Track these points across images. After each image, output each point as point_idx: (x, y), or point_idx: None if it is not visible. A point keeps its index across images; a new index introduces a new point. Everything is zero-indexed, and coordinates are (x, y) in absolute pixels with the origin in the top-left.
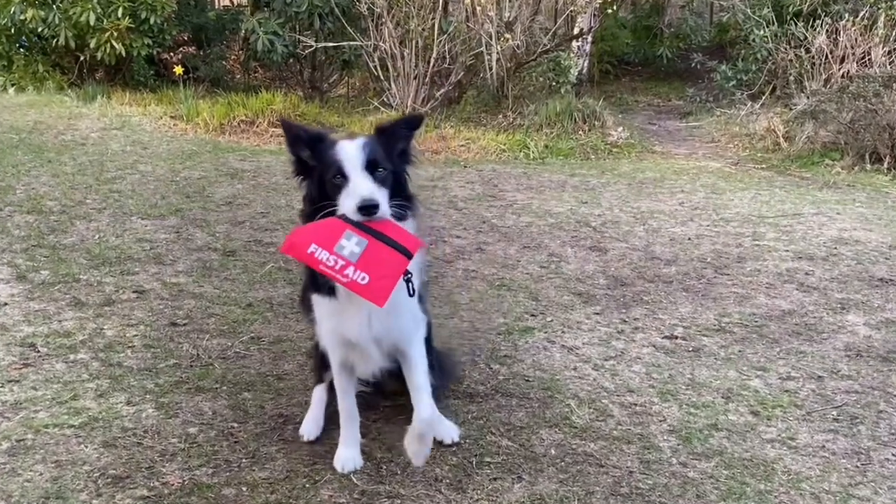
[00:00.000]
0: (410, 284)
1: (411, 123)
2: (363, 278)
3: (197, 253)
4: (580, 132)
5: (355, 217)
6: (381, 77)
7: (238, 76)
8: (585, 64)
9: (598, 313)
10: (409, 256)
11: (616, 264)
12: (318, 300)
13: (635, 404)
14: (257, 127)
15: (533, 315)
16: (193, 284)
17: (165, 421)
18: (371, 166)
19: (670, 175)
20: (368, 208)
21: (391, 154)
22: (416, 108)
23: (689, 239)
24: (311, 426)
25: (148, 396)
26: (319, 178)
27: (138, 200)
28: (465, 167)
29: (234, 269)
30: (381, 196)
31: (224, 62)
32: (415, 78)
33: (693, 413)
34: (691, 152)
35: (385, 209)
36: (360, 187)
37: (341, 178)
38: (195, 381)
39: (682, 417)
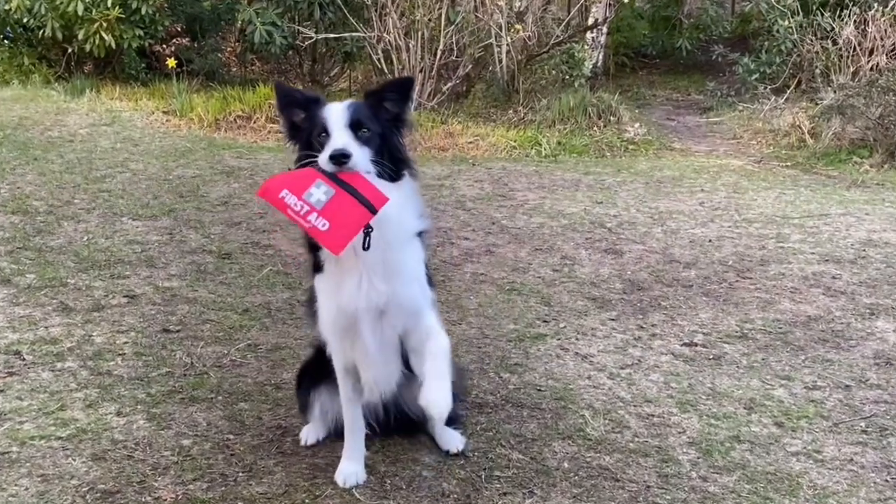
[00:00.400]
0: (368, 238)
1: (400, 87)
2: (324, 224)
3: (191, 255)
4: (595, 128)
5: (327, 167)
6: (385, 70)
7: (234, 69)
8: (600, 56)
9: (613, 319)
10: (373, 211)
11: (633, 267)
12: (317, 282)
13: (653, 415)
14: (254, 122)
15: (545, 321)
16: (187, 289)
17: (157, 433)
18: (354, 126)
19: (690, 173)
20: (339, 157)
21: (380, 117)
22: (423, 102)
23: (710, 241)
24: (310, 430)
25: (139, 407)
26: (307, 138)
27: (129, 200)
28: (474, 165)
29: (229, 273)
30: (357, 150)
31: (219, 54)
32: (420, 71)
33: (714, 424)
34: (712, 149)
35: (359, 163)
36: (336, 140)
37: (325, 135)
38: (189, 391)
39: (703, 429)
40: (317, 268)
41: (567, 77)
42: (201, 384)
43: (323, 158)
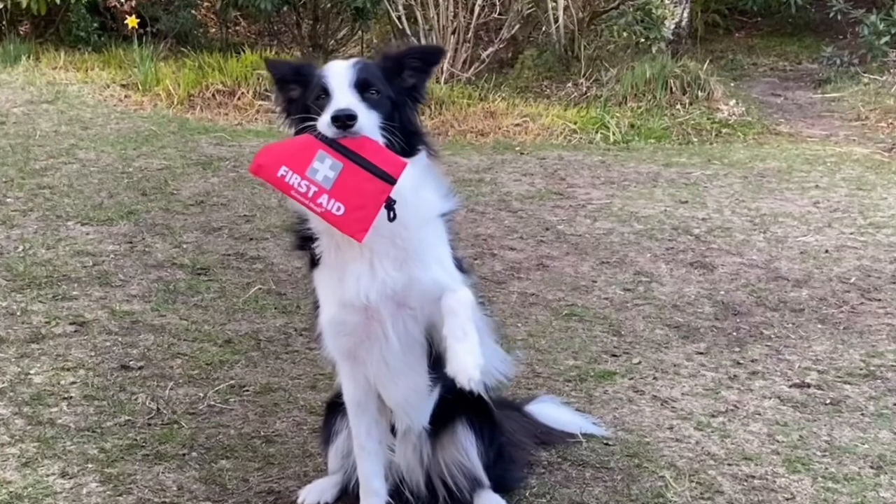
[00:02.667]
0: (392, 212)
1: (425, 56)
2: (338, 209)
3: (157, 271)
4: (678, 106)
5: (329, 131)
6: (408, 31)
7: (213, 30)
8: (685, 14)
9: (702, 353)
10: (391, 182)
11: (727, 286)
12: (316, 279)
13: (753, 476)
14: (239, 99)
15: (614, 355)
16: (152, 314)
17: (114, 499)
18: (361, 86)
19: (800, 165)
20: (343, 119)
21: (394, 83)
22: (456, 72)
23: (827, 252)
24: (314, 488)
25: (90, 466)
26: (303, 104)
27: (77, 199)
28: (522, 154)
29: (207, 293)
30: (365, 113)
31: (193, 12)
32: (453, 33)
33: (832, 488)
34: (829, 133)
35: (366, 127)
36: (340, 100)
37: (325, 96)
38: (154, 445)
39: (818, 494)
40: (314, 263)
41: (642, 41)
42: (170, 437)
43: (323, 121)
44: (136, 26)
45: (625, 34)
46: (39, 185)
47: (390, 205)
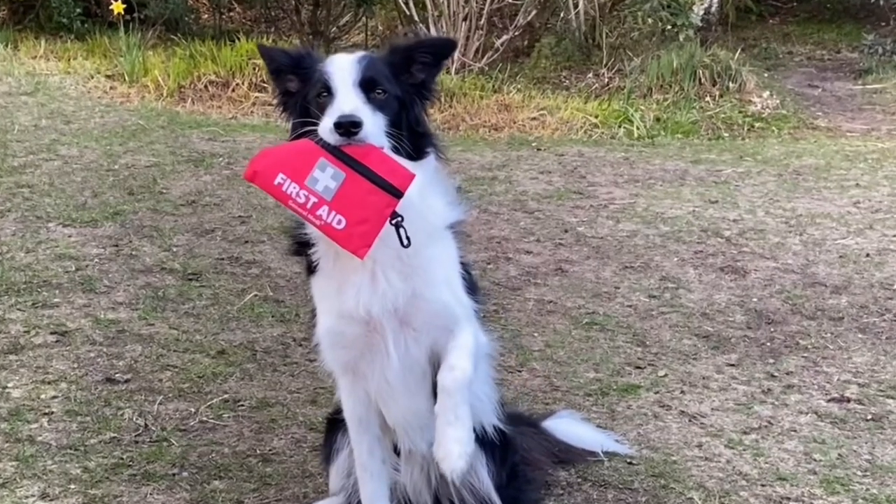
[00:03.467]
0: (402, 230)
1: (436, 49)
2: (339, 222)
3: (145, 276)
4: (707, 98)
5: (332, 139)
6: (416, 17)
7: (205, 17)
8: None
9: (733, 365)
10: (398, 195)
11: (760, 293)
12: (314, 287)
13: (788, 498)
14: (233, 91)
15: (638, 367)
16: (139, 322)
17: None
18: (367, 84)
19: (839, 162)
20: (347, 126)
21: (402, 80)
22: (468, 62)
23: (868, 255)
24: None
25: (72, 487)
26: (303, 102)
27: (59, 199)
28: (539, 150)
29: (199, 300)
30: (370, 117)
31: None
32: (465, 19)
33: None
34: (871, 128)
35: (372, 133)
36: (343, 103)
37: (327, 94)
38: (142, 464)
39: None
40: (311, 269)
41: (669, 28)
42: (159, 455)
43: (325, 126)
44: (122, 12)
45: (650, 20)
46: (18, 183)
47: (398, 223)
